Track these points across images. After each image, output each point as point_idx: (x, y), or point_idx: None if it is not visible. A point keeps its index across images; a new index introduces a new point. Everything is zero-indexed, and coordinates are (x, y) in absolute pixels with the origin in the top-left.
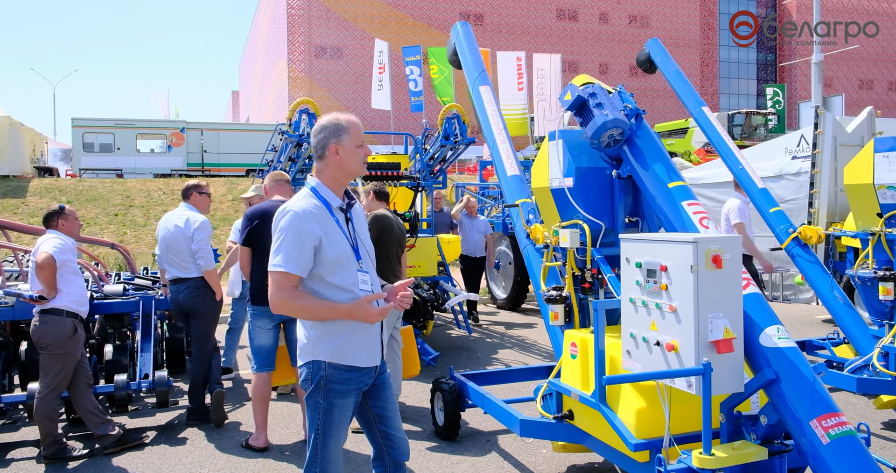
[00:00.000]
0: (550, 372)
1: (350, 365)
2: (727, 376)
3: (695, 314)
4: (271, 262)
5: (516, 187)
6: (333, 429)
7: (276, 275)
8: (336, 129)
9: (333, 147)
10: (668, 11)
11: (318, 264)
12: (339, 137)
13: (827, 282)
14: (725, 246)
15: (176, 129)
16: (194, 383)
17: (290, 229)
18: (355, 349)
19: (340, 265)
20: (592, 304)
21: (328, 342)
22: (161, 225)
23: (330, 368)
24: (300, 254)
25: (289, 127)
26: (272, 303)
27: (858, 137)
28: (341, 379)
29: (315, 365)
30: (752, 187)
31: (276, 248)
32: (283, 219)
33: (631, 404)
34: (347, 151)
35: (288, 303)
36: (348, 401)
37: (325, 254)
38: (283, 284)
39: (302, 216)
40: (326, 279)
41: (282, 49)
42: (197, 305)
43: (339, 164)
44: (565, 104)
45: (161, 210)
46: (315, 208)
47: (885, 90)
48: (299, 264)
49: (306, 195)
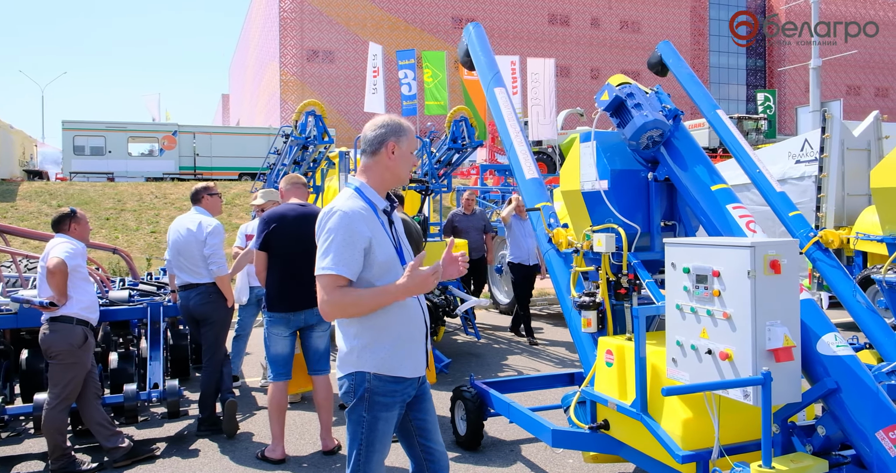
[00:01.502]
0: (572, 380)
1: (396, 376)
2: (785, 385)
3: (752, 321)
4: (319, 265)
5: (536, 191)
6: (377, 444)
7: (326, 278)
8: (398, 128)
9: (392, 145)
10: (659, 17)
11: (367, 268)
12: (399, 138)
13: (850, 287)
14: (783, 251)
15: (168, 132)
16: (205, 392)
17: (339, 229)
18: (402, 358)
19: (388, 270)
20: (633, 310)
21: (374, 352)
22: (172, 229)
23: (375, 380)
24: (351, 256)
25: (294, 129)
26: (323, 310)
27: (865, 141)
28: (387, 391)
29: (359, 377)
30: (769, 191)
31: (324, 250)
32: (330, 219)
33: (676, 414)
34: (403, 153)
35: (340, 303)
36: (393, 414)
37: (374, 257)
38: (332, 287)
39: (352, 217)
40: (375, 284)
41: (273, 52)
42: (208, 312)
43: (390, 165)
44: (602, 104)
45: (153, 215)
46: (363, 209)
47: (872, 96)
48: (350, 266)
49: (352, 196)
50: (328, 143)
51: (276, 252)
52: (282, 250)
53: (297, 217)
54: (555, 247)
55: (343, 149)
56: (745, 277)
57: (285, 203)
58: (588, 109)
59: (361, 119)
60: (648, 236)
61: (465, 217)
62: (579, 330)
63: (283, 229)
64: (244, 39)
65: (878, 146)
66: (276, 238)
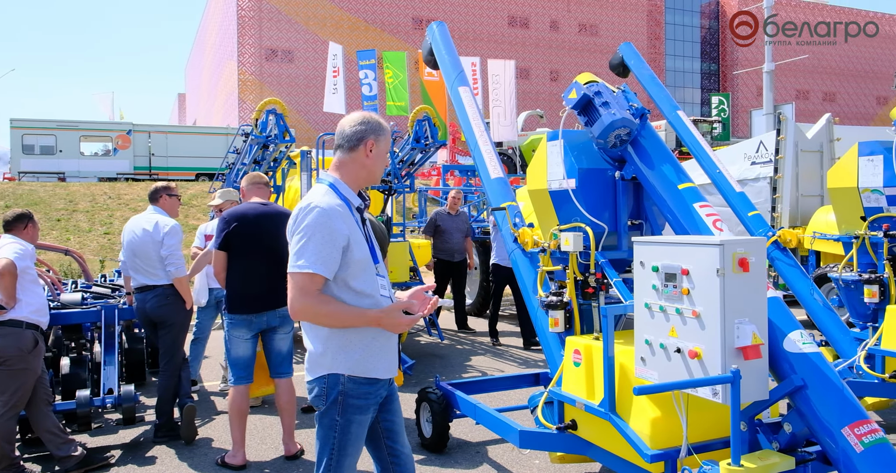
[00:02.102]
0: (538, 380)
1: (370, 378)
2: (753, 383)
3: (721, 319)
4: (294, 262)
5: (501, 190)
6: (350, 448)
7: (301, 277)
8: (378, 127)
9: (371, 143)
10: (616, 21)
11: (343, 267)
12: (379, 136)
13: (807, 285)
14: (752, 249)
15: (122, 131)
16: (162, 397)
17: (317, 226)
18: (376, 359)
19: (364, 269)
20: (601, 310)
21: (348, 353)
22: (127, 229)
23: (350, 382)
24: (329, 254)
25: (255, 128)
26: (293, 309)
27: (818, 143)
28: (361, 393)
29: (332, 380)
30: (729, 191)
31: (300, 247)
32: (308, 216)
33: (644, 413)
34: (381, 152)
35: (314, 309)
36: (367, 417)
37: (352, 256)
38: (309, 287)
39: (330, 214)
40: (350, 284)
41: (231, 51)
42: (166, 314)
43: (367, 163)
44: (570, 102)
45: (107, 216)
46: (339, 206)
47: (820, 101)
48: (327, 264)
49: (328, 192)
50: (289, 142)
51: (236, 253)
52: (243, 251)
53: (258, 217)
54: (521, 247)
55: (305, 148)
56: (714, 275)
57: (246, 202)
58: (548, 111)
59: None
60: (616, 235)
61: (450, 217)
62: (546, 330)
63: (243, 228)
64: (201, 38)
65: (830, 148)
66: (237, 238)
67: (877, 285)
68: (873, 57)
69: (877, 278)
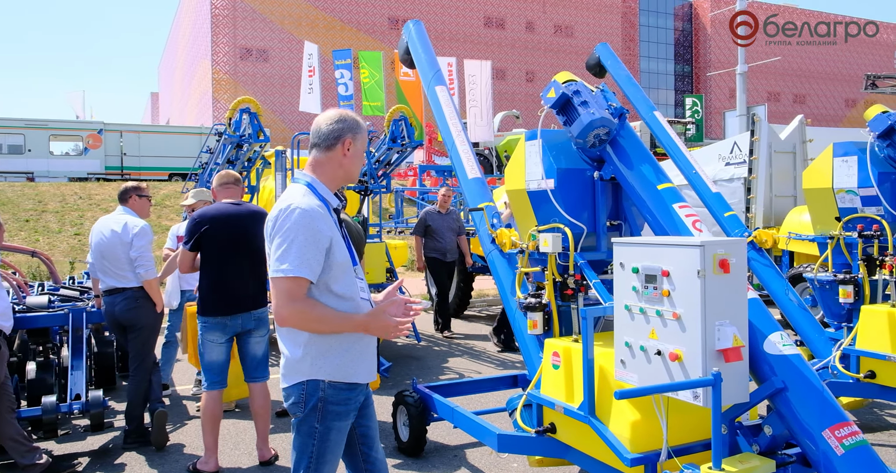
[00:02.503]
0: (516, 382)
1: (351, 383)
2: (734, 386)
3: (701, 321)
4: (277, 267)
5: (478, 190)
6: (329, 455)
7: (286, 282)
8: (355, 125)
9: (348, 142)
10: (591, 22)
11: (326, 270)
12: (356, 135)
13: (783, 285)
14: (732, 250)
15: (93, 130)
16: (133, 402)
17: (300, 228)
18: (356, 364)
19: (344, 272)
20: (581, 311)
21: (329, 358)
22: (95, 230)
23: (330, 388)
24: (313, 256)
25: (228, 127)
26: (280, 316)
27: (791, 144)
28: (341, 399)
29: (311, 386)
30: (705, 192)
31: (283, 251)
32: (289, 218)
33: (624, 416)
34: (358, 151)
35: (303, 314)
36: (347, 424)
37: (334, 258)
38: (295, 292)
39: (312, 215)
40: (331, 287)
41: (205, 50)
42: (135, 317)
43: (344, 162)
44: (548, 102)
45: (77, 216)
46: (319, 206)
47: (790, 103)
48: (312, 267)
49: (307, 193)
50: (264, 141)
51: (208, 254)
52: (214, 252)
53: (229, 217)
54: (498, 248)
55: (279, 148)
56: (694, 276)
57: (218, 203)
58: (524, 112)
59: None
60: (594, 235)
61: (440, 216)
62: (524, 332)
63: (214, 229)
64: (174, 36)
65: (802, 149)
66: (208, 239)
67: (851, 285)
68: (842, 60)
69: (851, 278)
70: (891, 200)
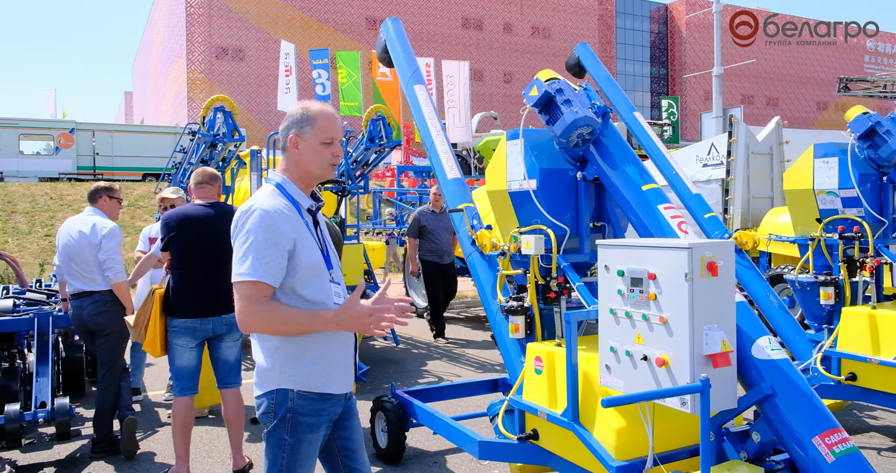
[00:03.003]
0: (496, 386)
1: (323, 393)
2: (722, 392)
3: (689, 325)
4: (236, 271)
5: (458, 191)
6: (299, 469)
7: (245, 286)
8: (299, 119)
9: (293, 138)
10: (568, 24)
11: (290, 273)
12: (302, 129)
13: (763, 287)
14: (720, 252)
15: (65, 130)
16: (101, 410)
17: (260, 230)
18: (329, 373)
19: (315, 274)
20: (564, 315)
21: (297, 367)
22: (62, 232)
23: (299, 398)
24: (274, 260)
25: (202, 126)
26: (243, 322)
27: (768, 145)
28: (312, 410)
29: (280, 395)
30: (685, 193)
31: (242, 254)
32: (249, 219)
33: (609, 422)
34: (308, 146)
35: (265, 317)
36: (318, 436)
37: (299, 260)
38: (255, 296)
39: (274, 216)
40: (298, 291)
41: (180, 49)
42: (104, 322)
43: (298, 160)
44: (531, 100)
45: (48, 217)
46: (285, 207)
47: (764, 105)
48: (272, 272)
49: (273, 193)
50: (239, 141)
51: (178, 256)
52: (184, 254)
53: (202, 217)
54: (479, 249)
55: (255, 147)
56: (682, 279)
57: (189, 203)
58: (502, 113)
59: (273, 119)
60: (577, 237)
61: (435, 216)
62: (505, 336)
63: (185, 230)
64: (148, 35)
65: (779, 151)
66: (178, 241)
67: (832, 286)
68: (814, 63)
69: (832, 279)
70: (871, 201)
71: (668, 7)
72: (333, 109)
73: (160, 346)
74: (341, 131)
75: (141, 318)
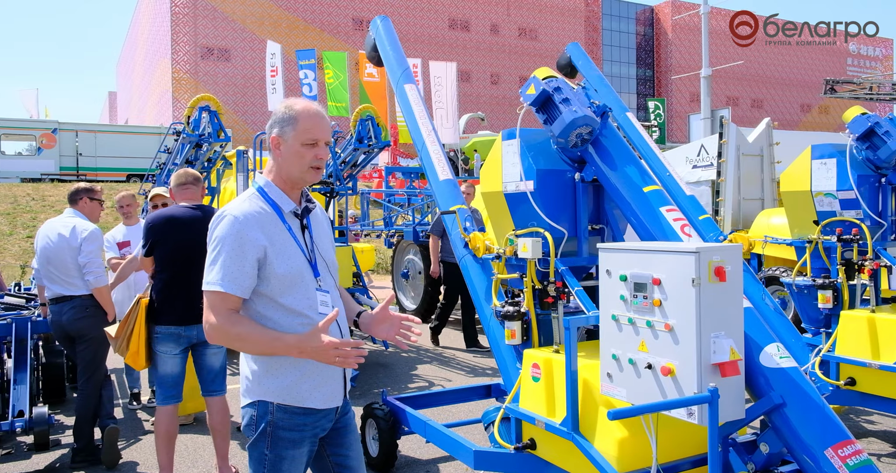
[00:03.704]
0: (489, 392)
1: (304, 407)
2: (730, 402)
3: (696, 333)
4: (205, 279)
5: (450, 192)
6: None
7: (211, 296)
8: (281, 118)
9: (275, 140)
10: (555, 25)
11: (265, 282)
12: (283, 129)
13: (759, 289)
14: (728, 257)
15: (47, 130)
16: (81, 419)
17: (228, 237)
18: (311, 386)
19: (294, 284)
20: (564, 321)
21: (276, 378)
22: (41, 234)
23: (279, 411)
24: (240, 269)
25: (187, 126)
26: (206, 332)
27: (758, 147)
28: (293, 425)
29: (261, 408)
30: (679, 194)
31: (209, 262)
32: (219, 225)
33: (610, 432)
34: (290, 148)
35: (224, 330)
36: (301, 452)
37: (271, 269)
38: (219, 307)
39: (243, 222)
40: (277, 300)
41: (165, 49)
42: (84, 327)
43: (280, 162)
44: (528, 99)
45: (30, 218)
46: (260, 212)
47: (748, 107)
48: (238, 281)
49: (251, 196)
50: (224, 141)
51: (161, 260)
52: (168, 258)
53: (189, 220)
54: (472, 252)
55: (241, 148)
56: (688, 285)
57: (173, 206)
58: (489, 114)
59: (260, 120)
60: (575, 240)
61: None
62: (500, 342)
63: (167, 234)
64: (133, 35)
65: (769, 152)
66: (160, 245)
67: (830, 290)
68: (798, 66)
69: (830, 283)
70: (870, 203)
71: (654, 9)
72: (320, 108)
73: (145, 358)
74: (328, 132)
75: (123, 329)
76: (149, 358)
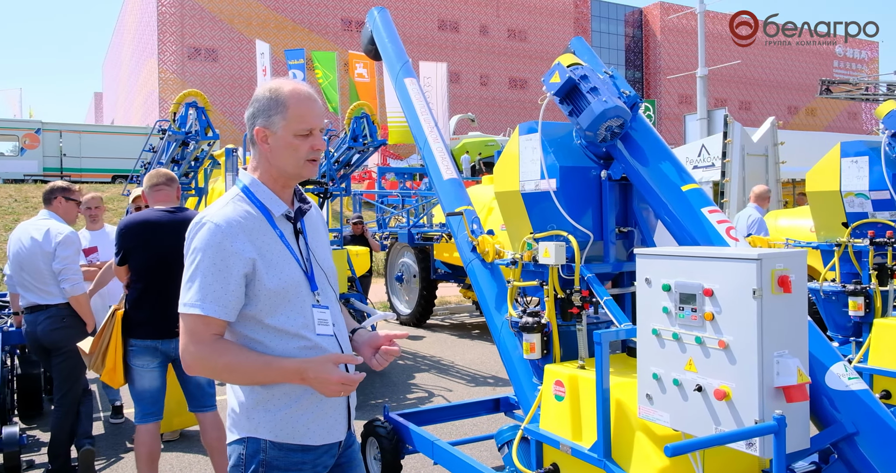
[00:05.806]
0: (497, 406)
1: (302, 444)
2: (795, 430)
3: (758, 352)
4: (181, 298)
5: (455, 193)
6: None
7: (189, 320)
8: (267, 105)
9: (260, 132)
10: (544, 27)
11: (252, 301)
12: (270, 118)
13: None
14: (792, 265)
15: (30, 130)
16: (56, 438)
17: (208, 249)
18: (309, 420)
19: (286, 300)
20: (595, 335)
21: (269, 410)
22: (14, 237)
23: (273, 449)
24: (223, 288)
25: (173, 123)
26: (184, 361)
27: (763, 146)
28: (289, 464)
29: (251, 445)
30: None
31: (187, 279)
32: (197, 235)
33: (648, 460)
34: (280, 140)
35: (207, 361)
36: None
37: (261, 285)
38: (201, 332)
39: (225, 231)
40: (264, 321)
41: (151, 49)
42: (61, 339)
43: (269, 156)
44: (552, 88)
45: (13, 220)
46: (245, 216)
47: (736, 109)
48: (221, 301)
49: (234, 198)
50: (212, 138)
51: (136, 269)
52: (147, 266)
53: (165, 225)
54: (480, 257)
55: (230, 146)
56: (748, 297)
57: (147, 210)
58: (479, 115)
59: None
60: (601, 244)
61: None
62: (513, 355)
63: (147, 240)
64: (119, 35)
65: (774, 152)
66: (134, 253)
67: (862, 296)
68: (785, 68)
69: (862, 289)
70: None
71: (642, 11)
72: (311, 89)
73: (122, 374)
74: (322, 117)
75: (98, 344)
76: (126, 374)
